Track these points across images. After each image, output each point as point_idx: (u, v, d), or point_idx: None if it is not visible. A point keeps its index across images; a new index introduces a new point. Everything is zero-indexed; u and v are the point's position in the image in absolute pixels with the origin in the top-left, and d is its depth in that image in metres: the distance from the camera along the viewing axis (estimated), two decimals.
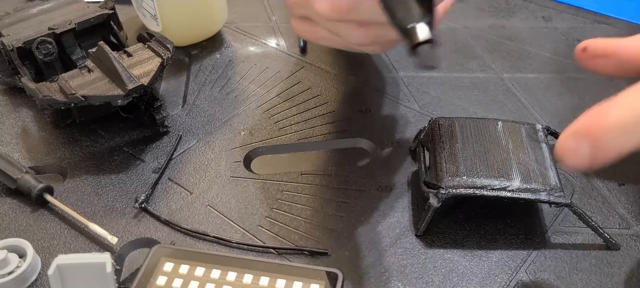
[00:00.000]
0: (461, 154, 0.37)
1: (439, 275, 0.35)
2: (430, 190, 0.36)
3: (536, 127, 0.40)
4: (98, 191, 0.41)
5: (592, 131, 0.27)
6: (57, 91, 0.42)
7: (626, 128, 0.27)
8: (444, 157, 0.38)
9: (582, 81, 0.49)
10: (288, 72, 0.52)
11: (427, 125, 0.41)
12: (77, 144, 0.45)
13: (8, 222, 0.39)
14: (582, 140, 0.27)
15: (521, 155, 0.37)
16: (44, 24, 0.47)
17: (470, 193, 0.35)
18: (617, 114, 0.27)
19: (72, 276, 0.33)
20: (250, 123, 0.47)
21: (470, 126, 0.40)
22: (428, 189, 0.36)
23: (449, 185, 0.36)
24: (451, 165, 0.37)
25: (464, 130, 0.39)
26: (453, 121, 0.40)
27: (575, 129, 0.28)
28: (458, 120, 0.40)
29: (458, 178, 0.36)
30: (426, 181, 0.37)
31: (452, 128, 0.40)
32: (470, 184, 0.36)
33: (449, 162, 0.37)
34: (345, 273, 0.35)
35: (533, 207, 0.39)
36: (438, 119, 0.41)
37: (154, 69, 0.43)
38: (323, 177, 0.42)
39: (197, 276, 0.34)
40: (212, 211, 0.40)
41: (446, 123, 0.40)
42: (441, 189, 0.36)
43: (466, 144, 0.38)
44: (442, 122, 0.40)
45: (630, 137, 0.27)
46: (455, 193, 0.35)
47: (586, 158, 0.27)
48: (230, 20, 0.58)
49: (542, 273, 0.35)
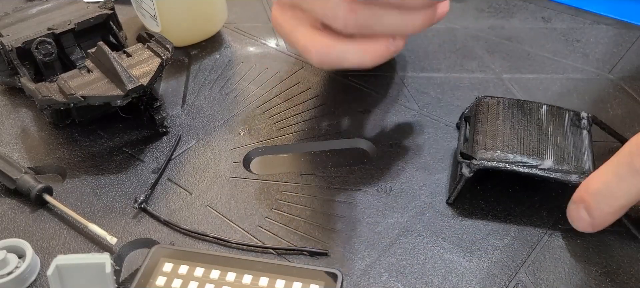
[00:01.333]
0: (500, 131, 0.39)
1: (439, 276, 0.35)
2: (465, 160, 0.37)
3: (581, 114, 0.40)
4: (97, 191, 0.41)
5: (583, 199, 0.34)
6: (57, 91, 0.42)
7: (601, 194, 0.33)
8: (482, 131, 0.39)
9: (582, 82, 0.49)
10: (287, 72, 0.52)
11: (473, 102, 0.42)
12: (76, 144, 0.45)
13: (7, 222, 0.39)
14: (580, 206, 0.35)
15: (559, 139, 0.38)
16: (43, 24, 0.47)
17: (502, 168, 0.37)
18: (594, 185, 0.34)
19: (72, 276, 0.33)
20: (249, 123, 0.47)
21: (515, 106, 0.41)
22: (462, 160, 0.38)
23: (482, 157, 0.37)
24: (488, 139, 0.38)
25: (507, 109, 0.40)
26: (498, 100, 0.41)
27: (573, 198, 0.35)
28: (503, 99, 0.41)
29: (492, 152, 0.37)
30: (462, 152, 0.38)
31: (495, 106, 0.41)
32: (503, 159, 0.37)
33: (486, 136, 0.38)
34: (345, 274, 0.35)
35: (534, 206, 0.39)
36: (484, 96, 0.42)
37: (154, 69, 0.43)
38: (323, 177, 0.42)
39: (196, 276, 0.34)
40: (212, 211, 0.40)
41: (491, 101, 0.41)
42: (474, 160, 0.37)
43: (506, 122, 0.39)
44: (487, 100, 0.41)
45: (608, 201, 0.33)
46: (487, 165, 0.37)
47: (587, 221, 0.35)
48: (229, 21, 0.58)
49: (541, 273, 0.35)
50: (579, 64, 0.51)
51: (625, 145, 0.33)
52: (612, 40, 0.54)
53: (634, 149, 0.32)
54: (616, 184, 0.33)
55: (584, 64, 0.51)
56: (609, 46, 0.53)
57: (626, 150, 0.33)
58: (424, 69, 0.51)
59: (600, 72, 0.50)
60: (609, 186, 0.33)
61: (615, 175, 0.33)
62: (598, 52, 0.52)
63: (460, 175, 0.38)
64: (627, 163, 0.32)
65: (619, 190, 0.33)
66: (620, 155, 0.33)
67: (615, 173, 0.33)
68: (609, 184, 0.33)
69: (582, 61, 0.51)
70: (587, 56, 0.52)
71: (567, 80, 0.50)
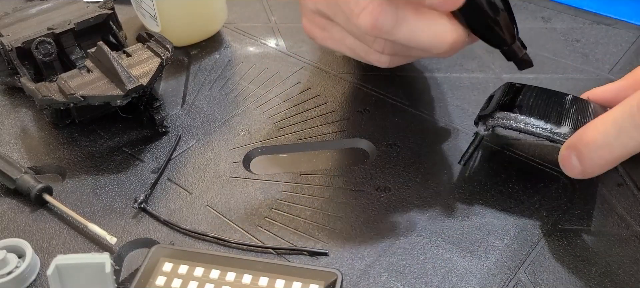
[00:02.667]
0: (521, 103, 0.39)
1: (438, 276, 0.35)
2: (481, 120, 0.38)
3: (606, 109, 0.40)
4: (97, 191, 0.41)
5: (576, 146, 0.34)
6: (56, 91, 0.42)
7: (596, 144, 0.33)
8: (504, 100, 0.39)
9: (582, 82, 0.49)
10: (287, 72, 0.52)
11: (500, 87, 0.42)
12: (76, 144, 0.45)
13: (7, 222, 0.39)
14: (572, 153, 0.34)
15: (580, 117, 0.38)
16: (43, 24, 0.47)
17: (517, 128, 0.37)
18: (591, 133, 0.33)
19: (71, 276, 0.33)
20: (249, 123, 0.47)
21: (540, 92, 0.41)
22: (480, 120, 0.39)
23: (499, 116, 0.38)
24: (508, 106, 0.39)
25: (532, 92, 0.40)
26: (525, 85, 0.41)
27: (566, 144, 0.35)
28: (530, 86, 0.41)
29: (510, 113, 0.38)
30: (480, 114, 0.39)
31: (521, 88, 0.41)
32: (520, 121, 0.37)
33: (507, 104, 0.39)
34: (345, 274, 0.35)
35: (534, 206, 0.39)
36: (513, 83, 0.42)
37: (153, 69, 0.43)
38: (322, 177, 0.42)
39: (196, 276, 0.34)
40: (211, 211, 0.40)
41: (518, 85, 0.41)
42: (490, 119, 0.38)
43: (529, 99, 0.39)
44: (516, 85, 0.42)
45: (602, 153, 0.33)
46: (502, 124, 0.38)
47: (578, 168, 0.34)
48: (229, 21, 0.58)
49: (541, 273, 0.35)
50: (579, 64, 0.51)
51: (628, 99, 0.33)
52: (612, 40, 0.54)
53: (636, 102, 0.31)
54: (614, 135, 0.32)
55: (584, 64, 0.51)
56: (608, 46, 0.53)
57: (629, 103, 0.32)
58: (424, 69, 0.51)
59: (600, 72, 0.50)
60: (607, 137, 0.33)
61: (614, 126, 0.32)
62: (598, 52, 0.52)
63: (475, 133, 0.39)
64: (630, 116, 0.32)
65: (616, 142, 0.32)
66: (623, 106, 0.32)
67: (615, 124, 0.32)
68: (607, 134, 0.33)
69: (582, 61, 0.51)
70: (586, 56, 0.52)
71: (567, 80, 0.50)
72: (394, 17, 0.35)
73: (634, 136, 0.32)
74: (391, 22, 0.35)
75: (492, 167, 0.42)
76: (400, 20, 0.36)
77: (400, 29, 0.36)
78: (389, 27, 0.36)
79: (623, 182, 0.40)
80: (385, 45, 0.39)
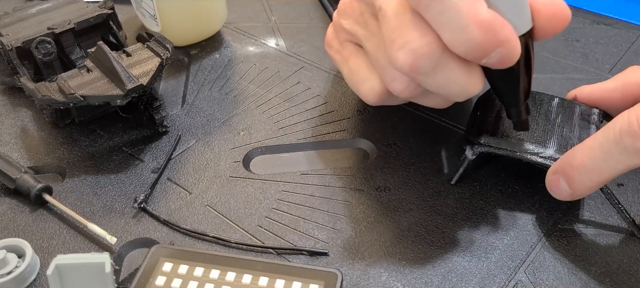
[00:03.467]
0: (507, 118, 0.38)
1: (438, 275, 0.35)
2: (469, 143, 0.38)
3: (593, 110, 0.40)
4: (97, 191, 0.41)
5: (565, 171, 0.34)
6: (56, 91, 0.42)
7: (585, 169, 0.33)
8: (490, 117, 0.39)
9: (582, 82, 0.49)
10: (287, 72, 0.52)
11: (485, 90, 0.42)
12: (76, 143, 0.45)
13: (7, 222, 0.39)
14: (560, 177, 0.34)
15: (565, 130, 0.38)
16: (43, 24, 0.47)
17: (503, 153, 0.37)
18: (578, 158, 0.33)
19: (71, 276, 0.33)
20: (249, 123, 0.47)
21: None
22: (467, 143, 0.39)
23: (486, 142, 0.38)
24: (493, 125, 0.38)
25: None
26: None
27: (554, 168, 0.35)
28: None
29: (496, 137, 0.38)
30: (468, 136, 0.39)
31: None
32: (505, 144, 0.37)
33: (493, 122, 0.39)
34: (345, 274, 0.35)
35: (534, 206, 0.39)
36: None
37: (153, 69, 0.43)
38: (322, 177, 0.42)
39: (196, 276, 0.34)
40: (211, 211, 0.40)
41: None
42: (477, 145, 0.38)
43: None
44: None
45: (591, 177, 0.33)
46: (489, 150, 0.38)
47: (567, 192, 0.34)
48: (229, 20, 0.58)
49: (541, 273, 0.35)
50: (579, 63, 0.51)
51: (614, 120, 0.32)
52: (612, 40, 0.54)
53: (625, 127, 0.31)
54: (603, 160, 0.32)
55: (584, 64, 0.51)
56: (608, 46, 0.53)
57: (616, 127, 0.32)
58: None
59: (600, 72, 0.50)
60: (595, 161, 0.33)
61: (602, 152, 0.32)
62: (598, 52, 0.52)
63: (464, 157, 0.39)
64: (615, 140, 0.32)
65: (604, 166, 0.32)
66: (609, 130, 0.32)
67: (602, 149, 0.32)
68: (595, 160, 0.33)
69: (582, 61, 0.51)
70: (586, 56, 0.52)
71: (567, 80, 0.50)
72: (436, 62, 0.31)
73: (621, 160, 0.32)
74: (431, 67, 0.31)
75: (492, 167, 0.42)
76: (440, 66, 0.32)
77: (437, 75, 0.32)
78: (427, 71, 0.32)
79: (623, 182, 0.40)
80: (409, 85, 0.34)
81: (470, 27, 0.30)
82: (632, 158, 0.31)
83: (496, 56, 0.31)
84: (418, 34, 0.31)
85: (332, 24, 0.41)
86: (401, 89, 0.34)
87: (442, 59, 0.32)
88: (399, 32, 0.31)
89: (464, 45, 0.30)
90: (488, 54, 0.31)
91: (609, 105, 0.39)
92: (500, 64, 0.32)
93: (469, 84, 0.33)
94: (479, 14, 0.30)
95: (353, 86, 0.39)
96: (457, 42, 0.31)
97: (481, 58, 0.31)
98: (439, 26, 0.31)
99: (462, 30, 0.30)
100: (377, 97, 0.37)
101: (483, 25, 0.30)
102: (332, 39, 0.41)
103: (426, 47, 0.31)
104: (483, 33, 0.30)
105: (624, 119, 0.32)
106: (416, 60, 0.31)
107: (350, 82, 0.39)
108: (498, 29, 0.30)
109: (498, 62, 0.31)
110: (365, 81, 0.37)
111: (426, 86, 0.33)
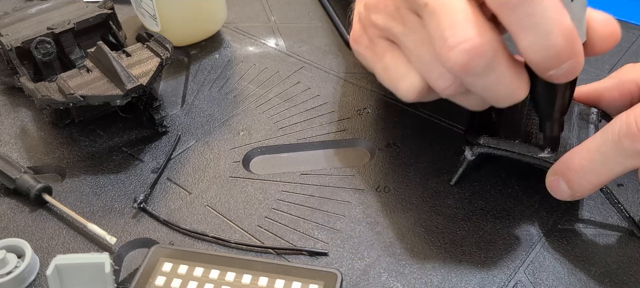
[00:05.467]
0: (505, 118, 0.39)
1: (438, 276, 0.35)
2: (468, 144, 0.38)
3: (591, 109, 0.40)
4: (97, 191, 0.41)
5: (564, 173, 0.34)
6: (56, 91, 0.42)
7: (584, 171, 0.33)
8: (488, 118, 0.39)
9: (582, 82, 0.49)
10: (287, 72, 0.52)
11: None
12: (75, 143, 0.45)
13: (7, 222, 0.39)
14: (559, 179, 0.35)
15: (564, 130, 0.38)
16: (42, 24, 0.47)
17: (503, 153, 0.38)
18: (577, 161, 0.33)
19: (71, 276, 0.33)
20: (249, 123, 0.47)
21: None
22: (466, 144, 0.39)
23: (485, 143, 0.38)
24: (492, 126, 0.39)
25: None
26: None
27: (553, 170, 0.35)
28: None
29: (494, 138, 0.38)
30: (467, 137, 0.39)
31: None
32: (503, 146, 0.38)
33: (491, 123, 0.39)
34: (345, 274, 0.35)
35: (534, 206, 0.39)
36: None
37: (153, 69, 0.42)
38: (322, 177, 0.42)
39: (195, 276, 0.34)
40: (211, 211, 0.40)
41: None
42: (476, 146, 0.38)
43: (514, 111, 0.39)
44: None
45: (590, 179, 0.33)
46: (487, 150, 0.38)
47: (566, 192, 0.35)
48: (229, 20, 0.58)
49: (541, 273, 0.35)
50: None
51: (612, 122, 0.32)
52: None
53: (623, 129, 0.31)
54: (601, 163, 0.32)
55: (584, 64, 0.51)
56: None
57: (614, 129, 0.32)
58: None
59: (599, 72, 0.50)
60: (594, 164, 0.33)
61: (600, 154, 0.32)
62: None
63: (463, 158, 0.39)
64: (613, 143, 0.31)
65: (603, 168, 0.32)
66: (607, 132, 0.32)
67: (601, 151, 0.32)
68: (593, 162, 0.33)
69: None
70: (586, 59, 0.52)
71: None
72: (488, 64, 0.30)
73: (619, 162, 0.32)
74: (484, 67, 0.30)
75: (492, 167, 0.42)
76: (492, 68, 0.31)
77: (487, 77, 0.31)
78: (479, 72, 0.30)
79: (622, 182, 0.40)
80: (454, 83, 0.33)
81: (554, 34, 0.29)
82: (631, 160, 0.31)
83: (565, 68, 0.30)
84: (473, 33, 0.30)
85: (357, 19, 0.40)
86: (445, 86, 0.33)
87: (495, 61, 0.31)
88: (452, 30, 0.30)
89: (543, 51, 0.30)
90: (560, 65, 0.30)
91: (606, 105, 0.39)
92: (564, 77, 0.31)
93: (516, 89, 0.32)
94: (564, 21, 0.29)
95: (389, 83, 0.37)
96: (537, 47, 0.30)
97: (552, 68, 0.30)
98: (522, 29, 0.30)
99: (546, 36, 0.29)
100: (417, 95, 0.36)
101: (566, 34, 0.29)
102: (360, 36, 0.39)
103: (481, 47, 0.30)
104: (565, 42, 0.29)
105: (622, 120, 0.32)
106: (470, 61, 0.30)
107: (386, 80, 0.37)
108: (576, 41, 0.30)
109: (564, 74, 0.31)
110: (404, 78, 0.36)
111: (472, 87, 0.32)
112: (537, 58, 0.30)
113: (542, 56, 0.30)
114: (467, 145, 0.39)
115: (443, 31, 0.30)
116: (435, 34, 0.31)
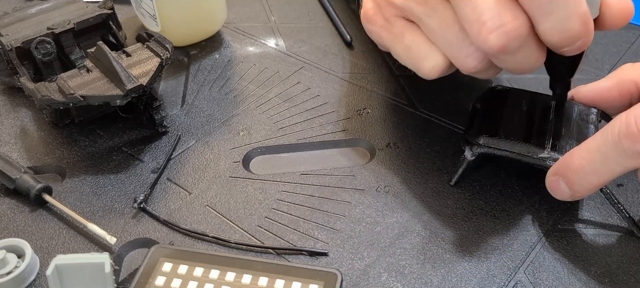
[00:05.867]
0: (505, 118, 0.39)
1: (438, 276, 0.35)
2: (468, 144, 0.39)
3: (591, 109, 0.40)
4: (97, 191, 0.41)
5: (564, 174, 0.34)
6: (56, 91, 0.42)
7: (584, 171, 0.33)
8: (488, 118, 0.40)
9: (582, 82, 0.49)
10: (287, 72, 0.52)
11: (485, 91, 0.42)
12: (75, 143, 0.45)
13: (7, 222, 0.39)
14: (559, 179, 0.35)
15: (563, 131, 0.38)
16: (42, 24, 0.47)
17: (502, 154, 0.38)
18: (577, 161, 0.33)
19: (71, 276, 0.33)
20: (249, 123, 0.47)
21: (524, 97, 0.41)
22: (466, 144, 0.39)
23: (484, 143, 0.38)
24: (492, 126, 0.39)
25: (516, 99, 0.41)
26: (509, 90, 0.42)
27: (553, 170, 0.35)
28: (513, 90, 0.42)
29: (494, 138, 0.38)
30: (467, 138, 0.39)
31: (505, 95, 0.41)
32: (503, 146, 0.38)
33: (491, 123, 0.39)
34: (345, 274, 0.35)
35: (534, 206, 0.39)
36: (496, 85, 0.42)
37: (153, 69, 0.42)
38: (322, 177, 0.42)
39: (195, 276, 0.34)
40: (211, 211, 0.40)
41: (502, 90, 0.42)
42: (476, 146, 0.38)
43: (514, 111, 0.40)
44: (498, 89, 0.42)
45: (590, 179, 0.33)
46: (487, 150, 0.38)
47: (566, 192, 0.35)
48: (229, 20, 0.58)
49: (541, 273, 0.35)
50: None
51: (612, 122, 0.32)
52: (611, 41, 0.54)
53: (623, 129, 0.31)
54: (601, 163, 0.32)
55: (583, 64, 0.51)
56: (608, 46, 0.53)
57: (614, 129, 0.32)
58: None
59: (599, 73, 0.50)
60: (593, 164, 0.33)
61: (600, 154, 0.32)
62: (597, 52, 0.52)
63: (463, 158, 0.39)
64: (613, 143, 0.32)
65: (603, 169, 0.32)
66: (607, 133, 0.32)
67: (601, 152, 0.32)
68: (593, 162, 0.33)
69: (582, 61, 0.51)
70: (586, 56, 0.52)
71: None
72: (523, 43, 0.32)
73: (619, 162, 0.32)
74: (518, 47, 0.32)
75: (492, 167, 0.42)
76: (524, 47, 0.33)
77: (518, 55, 0.33)
78: (513, 51, 0.32)
79: (622, 182, 0.40)
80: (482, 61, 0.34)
81: (571, 19, 0.31)
82: (631, 160, 0.31)
83: (577, 45, 0.32)
84: (511, 16, 0.32)
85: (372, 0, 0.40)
86: (474, 64, 0.35)
87: (528, 41, 0.33)
88: (490, 14, 0.32)
89: (560, 34, 0.32)
90: (574, 43, 0.32)
91: (606, 105, 0.39)
92: (574, 52, 0.33)
93: (538, 60, 0.35)
94: (580, 6, 0.31)
95: (410, 63, 0.38)
96: (555, 31, 0.32)
97: (566, 46, 0.33)
98: (542, 14, 0.32)
99: (564, 21, 0.31)
100: (440, 73, 0.37)
101: (583, 19, 0.31)
102: (374, 15, 0.39)
103: (518, 30, 0.32)
104: (580, 25, 0.31)
105: (622, 121, 0.32)
106: (508, 42, 0.32)
107: (406, 59, 0.38)
108: (590, 23, 0.32)
109: (575, 50, 0.33)
110: (426, 58, 0.37)
111: (502, 64, 0.34)
112: (555, 40, 0.32)
113: (560, 38, 0.32)
114: (467, 145, 0.39)
115: (480, 15, 0.32)
116: (471, 17, 0.32)
